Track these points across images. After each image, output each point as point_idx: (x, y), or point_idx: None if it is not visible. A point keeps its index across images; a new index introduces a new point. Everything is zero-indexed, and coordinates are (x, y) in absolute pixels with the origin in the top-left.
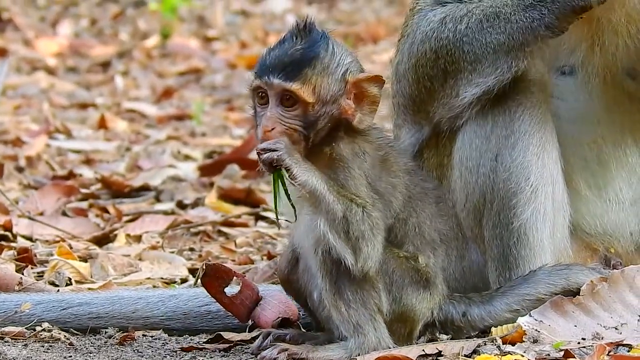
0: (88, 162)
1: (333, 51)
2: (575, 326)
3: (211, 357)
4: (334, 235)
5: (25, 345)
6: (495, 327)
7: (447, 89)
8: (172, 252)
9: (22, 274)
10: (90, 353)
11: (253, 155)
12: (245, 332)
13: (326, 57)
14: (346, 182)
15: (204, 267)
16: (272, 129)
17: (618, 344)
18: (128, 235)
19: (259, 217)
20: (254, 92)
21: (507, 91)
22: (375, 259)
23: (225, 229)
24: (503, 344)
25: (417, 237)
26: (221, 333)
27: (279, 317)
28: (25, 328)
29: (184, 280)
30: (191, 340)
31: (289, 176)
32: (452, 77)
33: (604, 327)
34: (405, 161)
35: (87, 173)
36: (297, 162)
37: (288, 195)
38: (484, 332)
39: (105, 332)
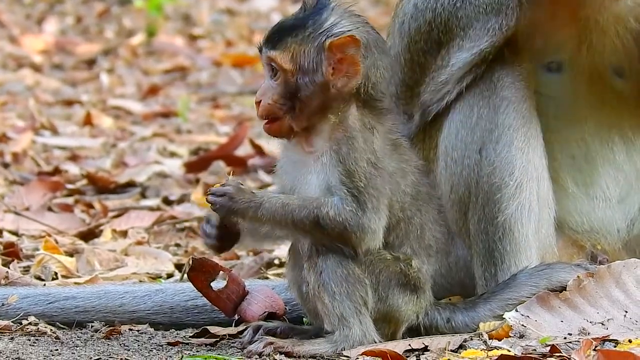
0: (74, 158)
1: (325, 19)
2: (562, 321)
3: (197, 351)
4: (317, 238)
5: (12, 338)
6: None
7: (439, 60)
8: (158, 248)
9: (8, 268)
10: (77, 347)
11: (239, 152)
12: (231, 326)
13: (314, 25)
14: (347, 156)
15: (191, 261)
16: (260, 101)
17: (604, 339)
18: (114, 231)
19: None
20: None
21: (493, 84)
22: (379, 231)
23: None
24: (489, 339)
25: (416, 240)
26: (207, 327)
27: (265, 312)
28: (12, 322)
29: (169, 275)
30: (177, 334)
31: (243, 220)
32: (445, 46)
33: (590, 322)
34: (416, 159)
35: (72, 169)
36: (249, 200)
37: None
38: None
39: (92, 326)
